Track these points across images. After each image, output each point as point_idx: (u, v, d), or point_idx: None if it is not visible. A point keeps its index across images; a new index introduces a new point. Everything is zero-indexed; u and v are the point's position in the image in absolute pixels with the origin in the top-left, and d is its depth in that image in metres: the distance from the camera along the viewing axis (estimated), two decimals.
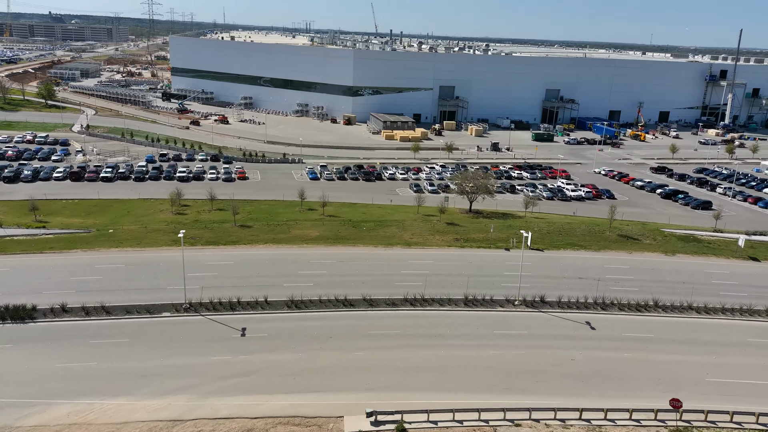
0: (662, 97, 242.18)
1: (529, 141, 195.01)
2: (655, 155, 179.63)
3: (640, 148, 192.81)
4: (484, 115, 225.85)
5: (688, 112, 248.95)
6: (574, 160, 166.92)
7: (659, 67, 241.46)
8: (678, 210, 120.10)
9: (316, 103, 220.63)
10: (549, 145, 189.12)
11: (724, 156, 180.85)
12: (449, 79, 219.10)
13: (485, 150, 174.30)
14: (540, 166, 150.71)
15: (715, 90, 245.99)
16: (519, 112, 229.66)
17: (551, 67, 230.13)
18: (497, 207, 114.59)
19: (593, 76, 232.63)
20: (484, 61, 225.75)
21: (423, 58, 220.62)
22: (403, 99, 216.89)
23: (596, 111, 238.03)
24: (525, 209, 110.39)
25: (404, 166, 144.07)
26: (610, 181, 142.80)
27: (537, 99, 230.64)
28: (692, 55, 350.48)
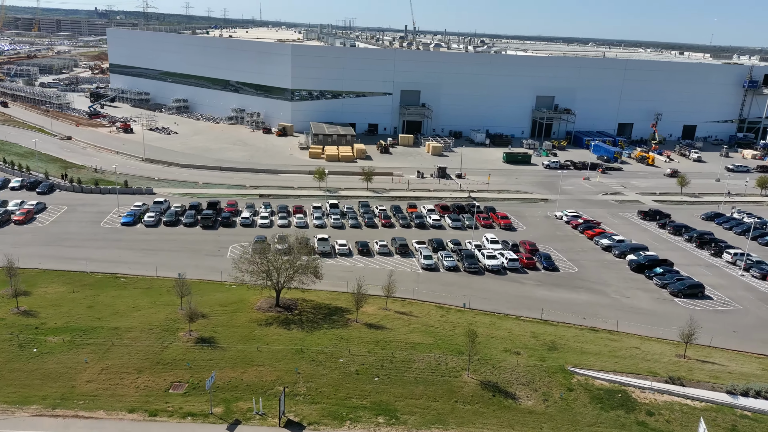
0: (687, 107, 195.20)
1: (502, 163, 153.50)
2: (659, 187, 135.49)
3: (643, 175, 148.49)
4: (458, 127, 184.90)
5: (721, 126, 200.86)
6: (541, 195, 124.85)
7: (683, 70, 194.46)
8: (646, 299, 77.00)
9: (254, 108, 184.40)
10: (523, 170, 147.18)
11: (754, 191, 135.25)
12: (413, 82, 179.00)
13: (429, 177, 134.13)
14: (476, 207, 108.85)
15: (756, 99, 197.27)
16: (503, 124, 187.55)
17: (543, 69, 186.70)
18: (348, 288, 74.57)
19: (597, 80, 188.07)
20: (457, 60, 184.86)
21: (378, 56, 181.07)
22: (355, 105, 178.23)
23: (602, 124, 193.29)
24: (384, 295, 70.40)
25: (281, 206, 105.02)
26: (568, 234, 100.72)
27: (526, 108, 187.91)
28: (738, 56, 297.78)
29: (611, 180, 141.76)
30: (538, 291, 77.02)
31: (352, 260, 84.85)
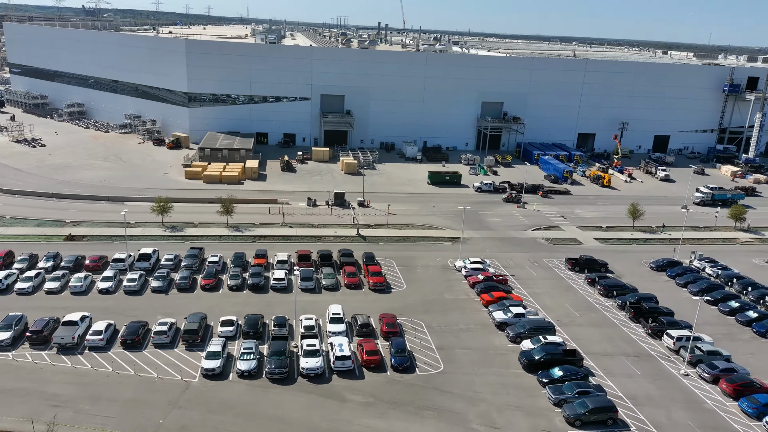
0: (659, 115, 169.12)
1: (427, 184, 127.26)
2: (609, 217, 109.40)
3: (593, 201, 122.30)
4: (390, 138, 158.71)
5: (698, 137, 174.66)
6: (453, 232, 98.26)
7: (654, 72, 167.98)
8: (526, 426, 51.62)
9: (151, 114, 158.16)
10: (448, 195, 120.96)
11: (728, 223, 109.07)
12: (335, 86, 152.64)
13: (325, 205, 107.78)
14: (343, 256, 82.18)
15: (739, 105, 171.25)
16: (443, 135, 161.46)
17: (489, 71, 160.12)
18: None
19: (553, 83, 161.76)
20: (387, 59, 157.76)
21: (292, 54, 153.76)
22: (268, 113, 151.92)
23: (559, 134, 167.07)
24: None
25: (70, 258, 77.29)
26: (460, 298, 73.96)
27: (470, 116, 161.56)
28: (725, 56, 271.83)
29: (552, 207, 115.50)
30: (363, 419, 50.65)
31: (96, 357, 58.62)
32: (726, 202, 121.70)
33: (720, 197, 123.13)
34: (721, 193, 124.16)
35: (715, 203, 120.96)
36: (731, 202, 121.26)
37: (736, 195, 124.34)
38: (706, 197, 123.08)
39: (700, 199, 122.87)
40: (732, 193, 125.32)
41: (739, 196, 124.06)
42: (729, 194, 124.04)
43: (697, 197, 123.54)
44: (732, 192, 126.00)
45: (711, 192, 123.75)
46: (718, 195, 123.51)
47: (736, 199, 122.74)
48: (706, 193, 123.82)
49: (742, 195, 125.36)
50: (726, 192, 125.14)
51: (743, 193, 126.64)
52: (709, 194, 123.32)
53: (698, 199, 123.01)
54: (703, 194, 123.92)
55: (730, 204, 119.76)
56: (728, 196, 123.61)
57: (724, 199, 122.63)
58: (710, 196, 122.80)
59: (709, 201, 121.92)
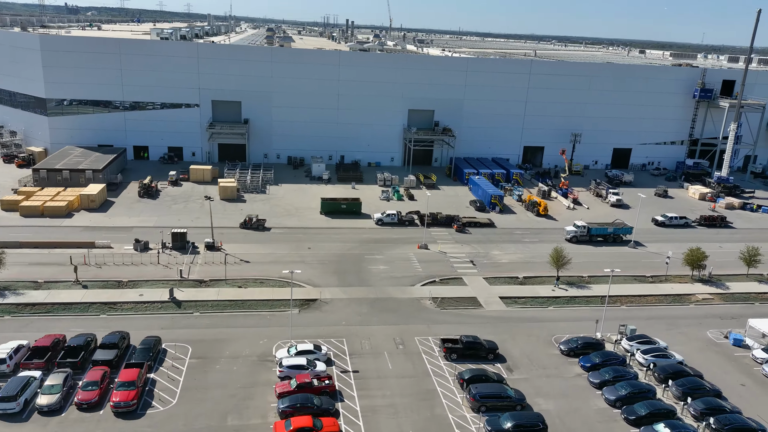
0: (619, 124, 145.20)
1: (320, 215, 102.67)
2: (532, 262, 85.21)
3: (519, 237, 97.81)
4: (300, 152, 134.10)
5: (665, 150, 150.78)
6: (313, 290, 74.06)
7: (613, 74, 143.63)
8: None
9: (13, 125, 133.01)
10: (340, 230, 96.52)
11: (683, 271, 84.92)
12: (230, 90, 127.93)
13: (165, 249, 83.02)
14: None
15: (712, 114, 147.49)
16: (365, 149, 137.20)
17: (416, 73, 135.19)
18: None
19: (493, 88, 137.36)
20: (294, 59, 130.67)
21: (173, 52, 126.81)
22: (146, 122, 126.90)
23: (502, 147, 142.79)
24: None
25: None
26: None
27: (396, 127, 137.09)
28: (704, 56, 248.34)
29: (464, 248, 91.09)
30: None
31: None
32: (607, 238, 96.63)
33: (598, 232, 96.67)
34: (600, 227, 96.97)
35: (591, 239, 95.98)
36: (614, 238, 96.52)
37: (619, 229, 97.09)
38: (579, 233, 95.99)
39: (572, 234, 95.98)
40: (614, 226, 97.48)
41: (624, 230, 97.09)
42: (610, 228, 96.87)
43: (568, 232, 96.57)
44: (614, 225, 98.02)
45: (586, 227, 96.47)
46: (595, 230, 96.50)
47: (620, 233, 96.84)
48: (580, 227, 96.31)
49: (628, 229, 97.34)
50: (606, 226, 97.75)
51: (629, 227, 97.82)
52: (583, 229, 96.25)
53: (569, 234, 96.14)
54: (576, 229, 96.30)
55: (613, 240, 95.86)
56: (609, 230, 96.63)
57: (604, 235, 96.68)
58: (585, 232, 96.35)
59: (585, 237, 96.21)
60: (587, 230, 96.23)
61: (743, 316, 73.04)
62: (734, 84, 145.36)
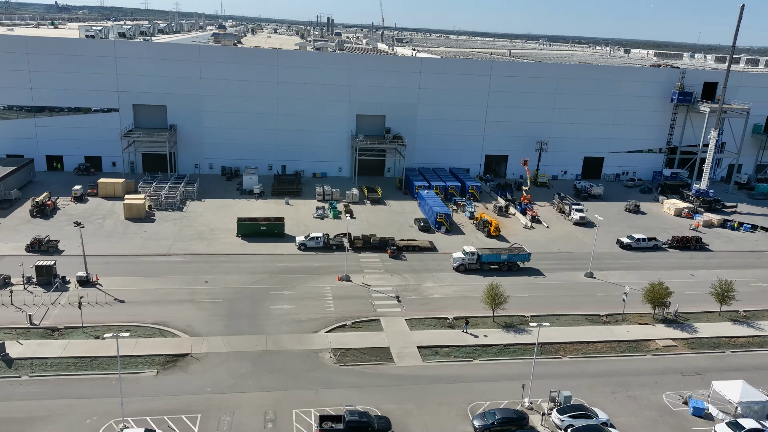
0: (590, 131, 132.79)
1: (236, 237, 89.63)
2: (468, 297, 72.60)
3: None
4: (237, 161, 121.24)
5: (641, 159, 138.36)
6: (190, 340, 61.37)
7: (583, 76, 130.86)
8: None
9: None
10: (255, 255, 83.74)
11: (643, 309, 72.39)
12: (154, 93, 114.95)
13: (19, 284, 70.01)
14: None
15: (692, 119, 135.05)
16: (309, 158, 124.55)
17: (365, 75, 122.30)
18: None
19: (451, 91, 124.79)
20: (224, 58, 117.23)
21: (87, 51, 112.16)
22: (59, 129, 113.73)
23: (462, 156, 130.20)
24: None
25: None
26: None
27: (343, 134, 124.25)
28: (691, 55, 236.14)
29: (393, 278, 78.23)
30: None
31: None
32: (501, 266, 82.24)
33: (491, 260, 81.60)
34: (493, 254, 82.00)
35: (483, 268, 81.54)
36: (509, 266, 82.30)
37: (515, 256, 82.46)
38: (468, 261, 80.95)
39: (459, 263, 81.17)
40: (509, 252, 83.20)
41: (521, 257, 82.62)
42: (504, 255, 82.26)
43: (455, 260, 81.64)
44: (509, 251, 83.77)
45: (475, 253, 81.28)
46: (487, 257, 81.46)
47: (517, 261, 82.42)
48: (468, 254, 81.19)
49: (525, 255, 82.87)
50: (501, 252, 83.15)
51: (527, 253, 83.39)
52: (472, 256, 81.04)
53: (456, 262, 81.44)
54: (464, 256, 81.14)
55: (508, 269, 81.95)
56: (503, 257, 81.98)
57: (497, 262, 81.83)
58: (474, 260, 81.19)
59: (475, 266, 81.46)
60: (477, 257, 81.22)
61: (710, 371, 60.55)
62: (717, 86, 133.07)
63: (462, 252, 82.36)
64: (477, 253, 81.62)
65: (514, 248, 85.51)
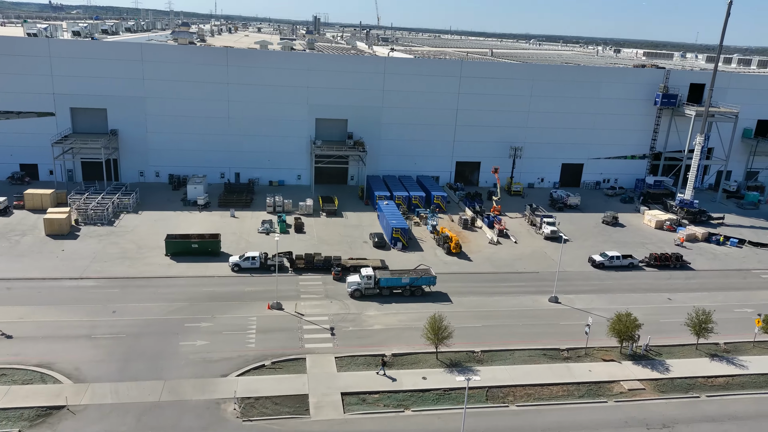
0: (568, 136, 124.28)
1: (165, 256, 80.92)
2: (412, 328, 63.88)
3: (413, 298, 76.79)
4: (186, 169, 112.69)
5: (623, 166, 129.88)
6: (73, 388, 52.77)
7: (560, 77, 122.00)
8: None
9: None
10: (182, 279, 75.05)
11: (609, 343, 63.90)
12: (92, 96, 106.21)
13: None
14: None
15: (677, 123, 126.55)
16: (266, 165, 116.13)
17: (325, 75, 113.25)
18: None
19: (417, 94, 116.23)
20: (168, 58, 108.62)
21: (18, 49, 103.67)
22: None
23: (431, 163, 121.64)
24: None
25: None
26: None
27: (303, 139, 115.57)
28: (682, 55, 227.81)
29: (332, 306, 69.58)
30: None
31: None
32: (403, 291, 71.68)
33: (390, 284, 71.07)
34: (393, 278, 71.29)
35: (383, 293, 71.05)
36: (411, 290, 71.50)
37: (419, 279, 70.62)
38: (365, 285, 70.91)
39: (355, 287, 71.10)
40: (412, 276, 71.19)
41: (426, 281, 71.35)
42: (405, 279, 71.32)
43: (350, 285, 71.65)
44: (412, 274, 71.72)
45: (372, 277, 70.53)
46: (386, 281, 70.89)
47: (420, 284, 71.55)
48: (365, 277, 70.91)
49: (431, 279, 71.65)
50: (402, 275, 71.51)
51: (431, 277, 71.73)
52: (369, 280, 70.61)
53: (352, 287, 71.45)
54: (360, 281, 71.33)
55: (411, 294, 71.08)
56: (404, 281, 71.13)
57: (399, 286, 71.31)
58: (372, 284, 70.62)
59: (372, 291, 71.26)
60: (375, 281, 71.18)
61: (679, 423, 52.05)
62: (704, 88, 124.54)
63: (359, 275, 72.36)
64: (375, 276, 71.22)
65: (418, 270, 74.27)
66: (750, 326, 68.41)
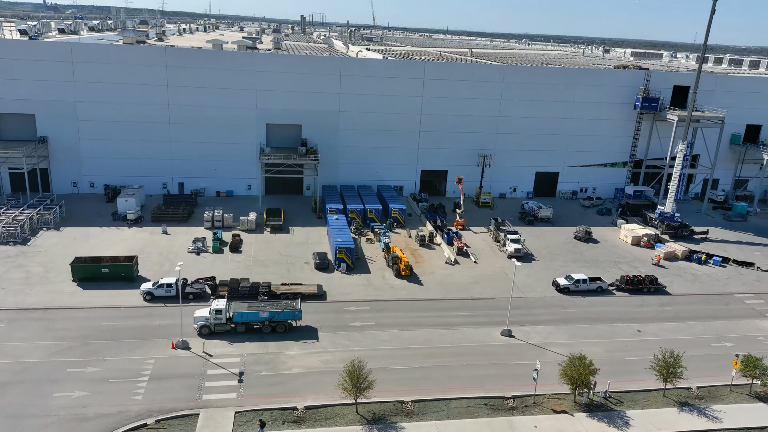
0: (542, 142, 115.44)
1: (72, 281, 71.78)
2: (332, 373, 55.14)
3: (351, 318, 67.78)
4: (125, 178, 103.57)
5: (603, 174, 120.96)
6: None
7: (533, 80, 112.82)
8: None
9: None
10: (88, 309, 66.09)
11: (560, 389, 55.12)
12: (19, 101, 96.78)
13: None
14: None
15: (659, 128, 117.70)
16: (212, 174, 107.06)
17: (276, 77, 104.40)
18: None
19: (377, 97, 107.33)
20: (99, 57, 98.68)
21: None
22: None
23: (394, 172, 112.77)
24: None
25: None
26: None
27: (253, 147, 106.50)
28: (673, 55, 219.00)
29: (247, 345, 60.56)
30: None
31: None
32: (263, 326, 61.51)
33: (247, 319, 61.28)
34: (250, 312, 61.65)
35: (237, 329, 61.23)
36: (272, 326, 61.26)
37: (281, 314, 61.29)
38: (215, 321, 60.58)
39: (202, 323, 60.91)
40: (270, 310, 61.68)
41: (291, 315, 61.80)
42: (264, 313, 61.14)
43: (197, 320, 61.27)
44: (271, 309, 62.04)
45: (223, 311, 60.49)
46: (240, 315, 61.13)
47: (285, 320, 61.41)
48: (214, 311, 60.42)
49: (295, 313, 62.05)
50: (261, 309, 61.65)
51: (295, 310, 62.12)
52: (219, 315, 60.33)
53: (199, 323, 61.21)
54: (207, 315, 60.61)
55: (272, 330, 61.20)
56: (263, 316, 60.90)
57: (258, 322, 61.31)
58: (223, 320, 60.69)
59: (224, 327, 60.93)
60: (227, 316, 61.20)
61: None
62: (688, 90, 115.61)
63: (208, 310, 61.54)
64: (225, 309, 60.92)
65: (282, 304, 63.77)
66: (728, 364, 59.64)
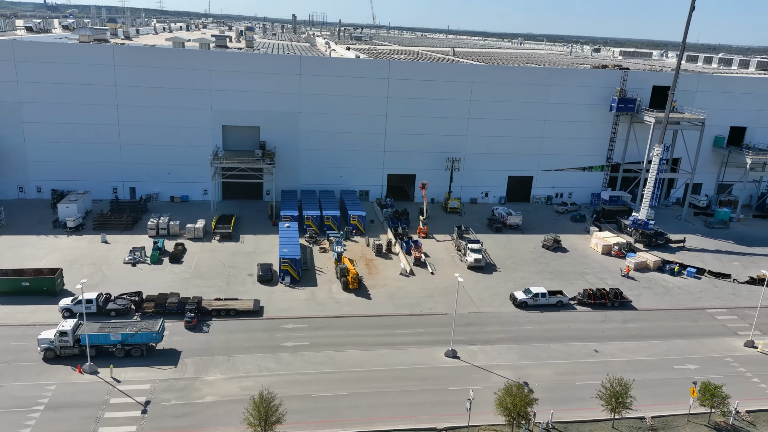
0: (515, 146, 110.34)
1: None
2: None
3: (276, 345, 62.76)
4: (74, 183, 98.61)
5: (580, 179, 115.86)
6: None
7: (504, 80, 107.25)
8: None
9: None
10: None
11: (497, 416, 50.28)
12: None
13: None
14: None
15: (636, 131, 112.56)
16: (165, 179, 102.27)
17: (234, 79, 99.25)
18: None
19: (341, 98, 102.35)
20: (44, 56, 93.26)
21: None
22: None
23: (359, 176, 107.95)
24: None
25: None
26: None
27: (208, 150, 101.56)
28: (661, 56, 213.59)
29: (166, 370, 55.65)
30: None
31: None
32: (116, 350, 55.28)
33: (96, 341, 54.85)
34: (101, 333, 55.03)
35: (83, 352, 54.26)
36: (126, 350, 55.34)
37: (135, 336, 55.25)
38: (60, 343, 54.29)
39: (46, 347, 54.44)
40: (123, 332, 55.46)
41: (145, 338, 55.60)
42: (117, 335, 55.16)
43: (41, 342, 54.64)
44: (124, 330, 55.86)
45: (68, 332, 54.21)
46: (90, 337, 54.44)
47: (139, 342, 55.49)
48: (59, 333, 54.43)
49: (152, 335, 55.74)
50: (113, 331, 55.52)
51: (152, 333, 55.74)
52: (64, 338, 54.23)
53: (42, 346, 54.53)
54: (52, 338, 54.62)
55: (126, 354, 55.06)
56: (114, 338, 55.03)
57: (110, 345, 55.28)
58: (70, 341, 54.19)
59: (72, 350, 54.64)
60: (74, 339, 54.70)
61: None
62: (668, 90, 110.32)
63: (56, 332, 54.76)
64: (72, 331, 54.70)
65: (138, 325, 57.35)
66: (686, 391, 54.60)
